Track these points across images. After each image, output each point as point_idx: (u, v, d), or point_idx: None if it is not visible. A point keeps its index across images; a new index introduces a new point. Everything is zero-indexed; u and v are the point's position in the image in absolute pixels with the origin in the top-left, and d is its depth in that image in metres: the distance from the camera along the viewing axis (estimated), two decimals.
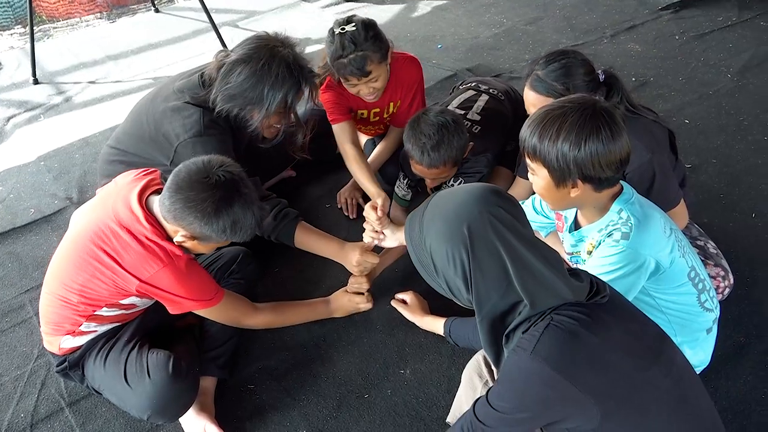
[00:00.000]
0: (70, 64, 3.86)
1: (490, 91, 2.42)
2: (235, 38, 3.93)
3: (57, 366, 1.71)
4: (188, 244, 1.53)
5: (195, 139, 1.88)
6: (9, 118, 3.31)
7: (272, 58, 1.82)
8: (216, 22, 3.72)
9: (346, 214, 2.45)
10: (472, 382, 1.47)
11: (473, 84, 2.49)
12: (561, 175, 1.37)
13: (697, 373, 1.65)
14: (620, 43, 3.57)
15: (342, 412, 1.75)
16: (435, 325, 1.89)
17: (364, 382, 1.83)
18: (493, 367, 1.43)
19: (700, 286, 1.52)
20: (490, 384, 1.41)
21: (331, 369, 1.87)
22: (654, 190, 1.73)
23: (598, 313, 1.07)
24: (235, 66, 1.83)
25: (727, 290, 1.88)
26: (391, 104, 2.36)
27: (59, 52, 4.02)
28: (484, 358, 1.48)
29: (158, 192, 1.57)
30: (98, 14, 5.06)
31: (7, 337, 2.04)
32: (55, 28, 4.90)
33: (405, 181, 2.38)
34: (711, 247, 1.92)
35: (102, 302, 1.59)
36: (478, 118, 2.28)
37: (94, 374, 1.66)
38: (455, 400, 1.58)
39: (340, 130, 2.30)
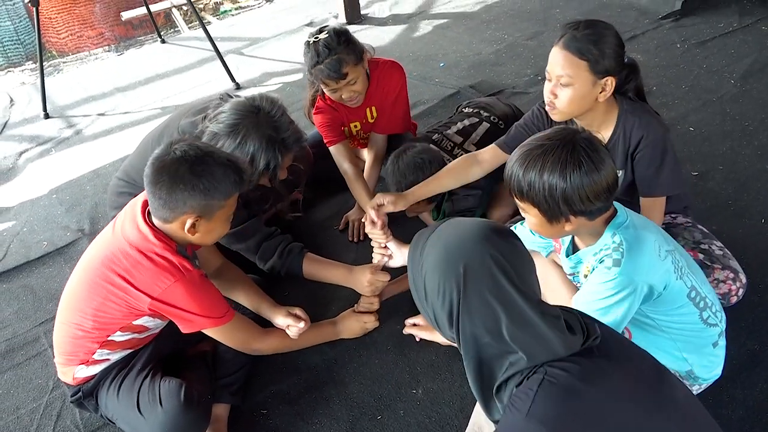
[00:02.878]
0: (80, 98, 3.94)
1: (491, 118, 2.45)
2: (240, 66, 4.00)
3: (71, 396, 1.73)
4: (201, 230, 1.54)
5: None
6: (21, 153, 3.37)
7: (250, 132, 1.78)
8: (221, 50, 3.78)
9: (350, 239, 2.46)
10: None
11: (475, 110, 2.51)
12: (552, 214, 1.36)
13: (711, 383, 1.64)
14: None
15: None
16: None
17: (377, 403, 1.83)
18: None
19: (702, 304, 1.50)
20: None
21: (344, 391, 1.87)
22: (664, 167, 1.75)
23: (593, 360, 1.02)
24: (219, 138, 1.80)
25: (741, 291, 1.83)
26: (368, 111, 2.44)
27: (69, 86, 4.10)
28: None
29: None
30: (106, 47, 5.18)
31: (23, 369, 2.07)
32: (65, 62, 5.02)
33: None
34: (716, 248, 1.88)
35: (116, 325, 1.60)
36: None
37: (108, 403, 1.68)
38: (473, 415, 1.56)
39: (337, 151, 2.38)
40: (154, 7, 4.77)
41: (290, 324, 1.83)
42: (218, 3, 5.63)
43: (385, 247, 1.97)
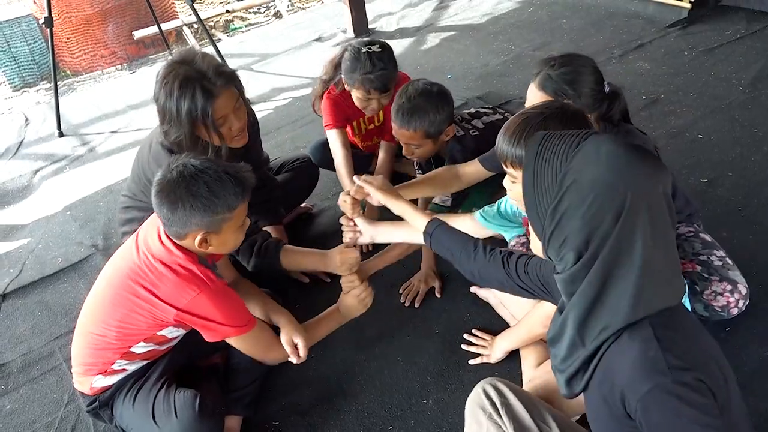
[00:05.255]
0: (93, 116, 4.00)
1: (506, 115, 2.46)
2: (249, 81, 4.05)
3: (87, 406, 1.75)
4: (213, 243, 1.57)
5: None
6: (36, 171, 3.43)
7: (172, 82, 1.82)
8: (231, 66, 3.81)
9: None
10: (477, 417, 1.43)
11: (490, 106, 2.55)
12: None
13: None
14: (629, 62, 3.59)
15: None
16: (413, 216, 1.69)
17: (387, 414, 1.83)
18: (495, 399, 1.41)
19: None
20: (495, 418, 1.38)
21: (354, 402, 1.88)
22: None
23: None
24: (156, 100, 1.88)
25: (742, 302, 1.82)
26: (381, 113, 2.49)
27: (83, 105, 4.18)
28: (484, 391, 1.44)
29: None
30: (119, 66, 5.26)
31: (38, 384, 2.09)
32: (78, 82, 5.10)
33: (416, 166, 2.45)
34: (716, 258, 1.87)
35: (139, 336, 1.63)
36: (481, 126, 2.30)
37: (123, 413, 1.70)
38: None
39: (333, 136, 2.43)
40: (165, 26, 4.85)
41: (290, 353, 1.80)
42: (228, 20, 5.70)
43: (354, 225, 1.91)
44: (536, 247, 1.17)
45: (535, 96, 1.78)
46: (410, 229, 1.72)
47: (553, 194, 1.03)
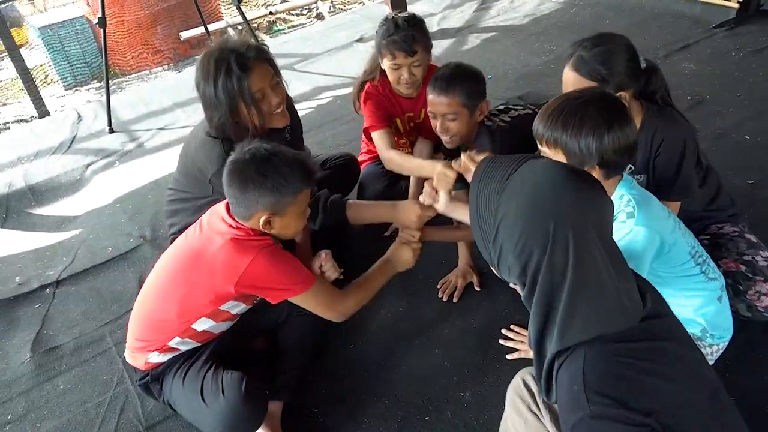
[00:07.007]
0: (142, 113, 4.13)
1: (536, 110, 2.45)
2: (292, 80, 4.08)
3: (140, 380, 1.83)
4: (276, 225, 1.63)
5: (220, 170, 1.97)
6: (88, 165, 3.56)
7: (209, 63, 1.89)
8: None
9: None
10: (516, 406, 1.44)
11: (523, 103, 2.55)
12: (580, 162, 1.42)
13: (724, 345, 1.71)
14: (674, 63, 3.54)
15: None
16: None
17: (425, 404, 1.85)
18: (533, 389, 1.42)
19: (700, 260, 1.60)
20: (533, 408, 1.39)
21: (392, 392, 1.91)
22: (680, 172, 1.77)
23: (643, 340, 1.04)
24: (198, 88, 1.95)
25: None
26: (422, 111, 2.48)
27: (131, 103, 4.31)
28: (524, 381, 1.45)
29: None
30: (165, 66, 5.43)
31: (90, 366, 2.19)
32: (127, 81, 5.28)
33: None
34: (761, 259, 1.85)
35: (201, 312, 1.70)
36: (508, 119, 2.30)
37: (173, 389, 1.77)
38: (502, 422, 1.54)
39: (380, 137, 2.38)
40: (211, 27, 4.98)
41: (321, 267, 1.86)
42: (271, 22, 5.82)
43: (437, 194, 1.91)
44: None
45: (569, 78, 1.78)
46: None
47: (492, 225, 1.07)
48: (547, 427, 1.37)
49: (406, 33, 2.24)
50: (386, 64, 2.33)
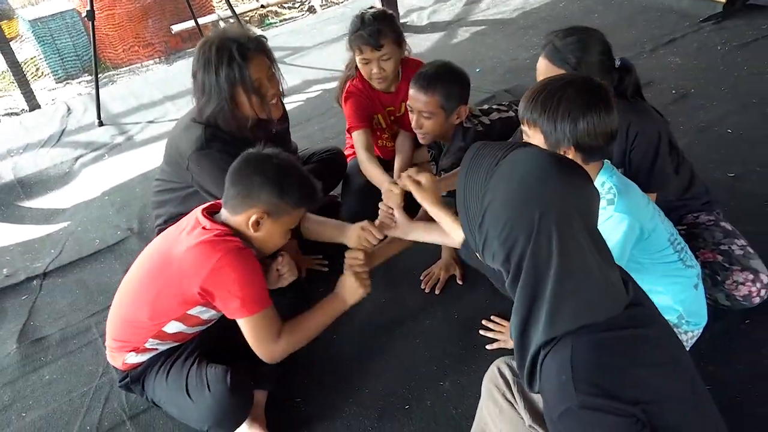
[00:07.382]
0: (131, 106, 4.14)
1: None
2: (283, 73, 4.12)
3: (120, 381, 1.84)
4: (263, 228, 1.63)
5: (198, 152, 1.99)
6: (77, 158, 3.57)
7: (209, 51, 1.93)
8: None
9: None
10: (491, 393, 1.47)
11: (507, 102, 2.55)
12: (555, 143, 1.45)
13: (699, 333, 1.75)
14: (660, 57, 3.56)
15: (384, 423, 1.81)
16: (451, 227, 1.66)
17: (406, 393, 1.88)
18: (509, 378, 1.44)
19: (678, 247, 1.63)
20: (508, 396, 1.42)
21: (373, 381, 1.94)
22: (658, 162, 1.79)
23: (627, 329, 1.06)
24: (195, 77, 1.99)
25: (764, 291, 1.81)
26: (402, 105, 2.49)
27: (121, 96, 4.32)
28: (499, 369, 1.48)
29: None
30: (156, 59, 5.42)
31: (75, 357, 2.21)
32: (118, 74, 5.27)
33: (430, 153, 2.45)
34: (737, 248, 1.87)
35: (170, 315, 1.67)
36: (488, 122, 2.30)
37: (156, 388, 1.77)
38: (478, 410, 1.56)
39: (357, 137, 2.43)
40: (202, 20, 4.97)
41: (278, 270, 1.82)
42: (263, 15, 5.82)
43: (392, 215, 1.88)
44: None
45: (543, 67, 1.81)
46: (445, 236, 1.74)
47: (478, 211, 1.08)
48: (521, 415, 1.40)
49: (372, 28, 2.27)
50: (357, 59, 2.38)
